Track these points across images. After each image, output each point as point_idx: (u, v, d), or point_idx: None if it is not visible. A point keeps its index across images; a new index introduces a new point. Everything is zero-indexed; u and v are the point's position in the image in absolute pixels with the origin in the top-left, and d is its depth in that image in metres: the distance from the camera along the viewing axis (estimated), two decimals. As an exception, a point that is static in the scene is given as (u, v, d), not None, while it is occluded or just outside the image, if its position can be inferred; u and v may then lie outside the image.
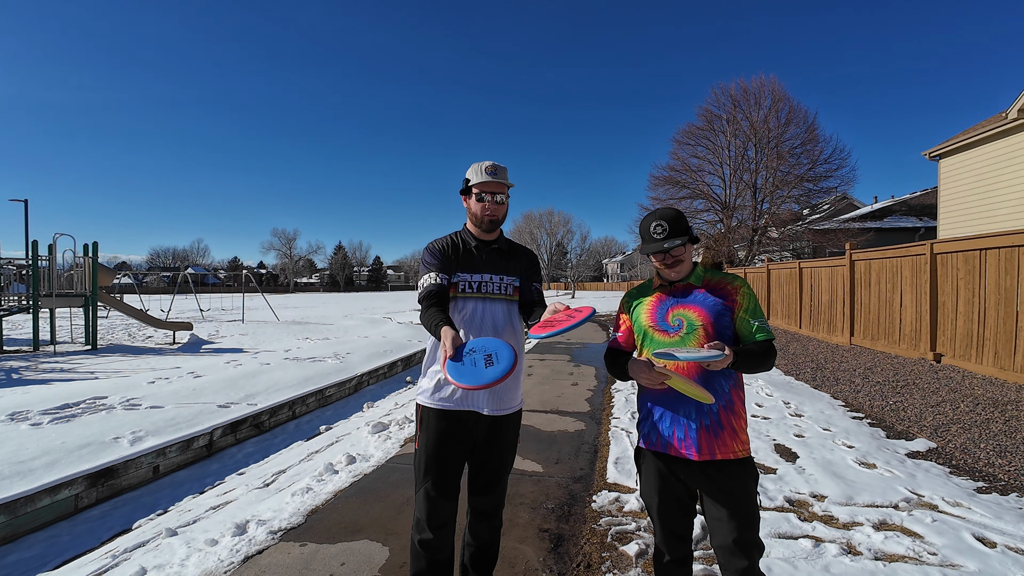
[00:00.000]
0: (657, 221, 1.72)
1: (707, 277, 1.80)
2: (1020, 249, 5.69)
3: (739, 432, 1.69)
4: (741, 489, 1.65)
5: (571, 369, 8.48)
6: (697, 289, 1.77)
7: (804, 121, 22.19)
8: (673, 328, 1.73)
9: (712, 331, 1.69)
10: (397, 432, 4.99)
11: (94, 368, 10.06)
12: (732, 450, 1.66)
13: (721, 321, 1.71)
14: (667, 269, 1.76)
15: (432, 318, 1.81)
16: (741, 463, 1.68)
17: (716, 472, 1.66)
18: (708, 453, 1.65)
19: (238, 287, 62.63)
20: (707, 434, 1.66)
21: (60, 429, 5.17)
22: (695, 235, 1.77)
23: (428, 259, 1.99)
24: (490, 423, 1.95)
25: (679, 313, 1.74)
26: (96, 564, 2.96)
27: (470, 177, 1.99)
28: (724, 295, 1.74)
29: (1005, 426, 4.50)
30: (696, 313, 1.72)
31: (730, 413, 1.69)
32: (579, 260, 60.36)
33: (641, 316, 1.82)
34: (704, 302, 1.73)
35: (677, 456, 1.70)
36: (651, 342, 1.77)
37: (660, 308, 1.79)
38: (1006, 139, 11.38)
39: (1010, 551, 2.61)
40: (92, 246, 13.97)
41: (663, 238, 1.71)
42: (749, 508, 1.65)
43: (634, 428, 4.90)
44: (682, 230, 1.72)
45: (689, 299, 1.75)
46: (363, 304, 36.92)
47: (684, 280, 1.78)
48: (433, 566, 1.94)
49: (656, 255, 1.75)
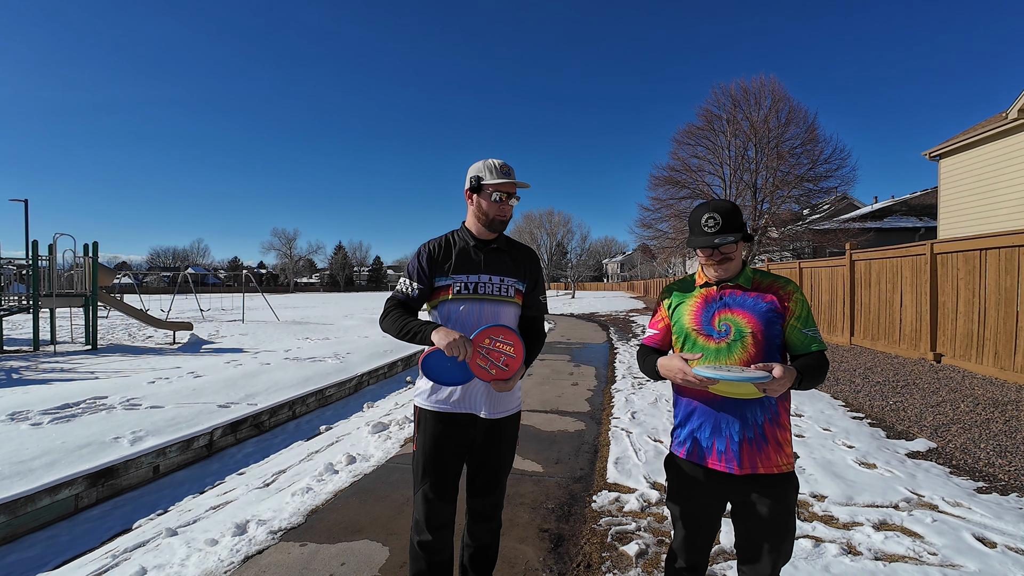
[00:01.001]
0: (710, 213, 1.57)
1: (757, 279, 1.65)
2: (1020, 249, 5.68)
3: (784, 445, 1.58)
4: (781, 504, 1.55)
5: (571, 369, 8.48)
6: (747, 291, 1.62)
7: (804, 121, 22.16)
8: (719, 333, 1.59)
9: (762, 339, 1.56)
10: (397, 432, 4.98)
11: (94, 368, 10.06)
12: (776, 464, 1.55)
13: (771, 329, 1.57)
14: (715, 267, 1.62)
15: (407, 324, 1.83)
16: (784, 477, 1.57)
17: (756, 486, 1.55)
18: (750, 467, 1.54)
19: (238, 287, 62.61)
20: (750, 447, 1.54)
21: (60, 429, 5.17)
22: (749, 233, 1.63)
23: (412, 268, 1.97)
24: (488, 425, 1.93)
25: (727, 317, 1.59)
26: (96, 564, 2.96)
27: (481, 175, 1.92)
28: (775, 300, 1.59)
29: (1005, 426, 4.49)
30: (745, 319, 1.58)
31: (776, 426, 1.57)
32: (579, 260, 60.30)
33: (684, 317, 1.67)
34: (755, 307, 1.58)
35: (715, 469, 1.59)
36: (694, 347, 1.63)
37: (706, 310, 1.63)
38: (1006, 139, 11.37)
39: (1010, 551, 2.60)
40: (92, 246, 13.97)
41: (714, 232, 1.56)
42: (787, 523, 1.56)
43: (634, 428, 4.90)
44: (737, 226, 1.57)
45: (738, 302, 1.60)
46: (363, 304, 36.93)
47: (733, 280, 1.63)
48: (433, 567, 1.93)
49: (704, 250, 1.60)
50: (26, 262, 13.62)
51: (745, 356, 1.56)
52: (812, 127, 22.11)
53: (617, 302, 33.73)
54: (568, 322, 18.76)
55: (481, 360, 1.73)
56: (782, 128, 22.21)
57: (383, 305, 1.98)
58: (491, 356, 1.75)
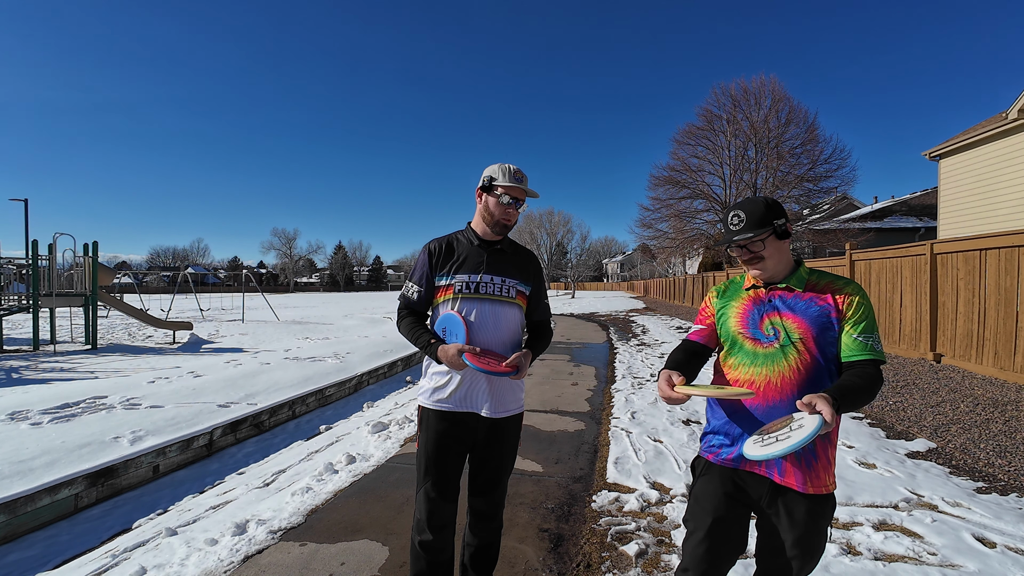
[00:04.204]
0: (735, 211, 1.50)
1: (812, 280, 1.52)
2: (1020, 249, 5.68)
3: (832, 463, 1.46)
4: (818, 524, 1.43)
5: (571, 369, 8.48)
6: (800, 293, 1.49)
7: (804, 121, 22.18)
8: (768, 338, 1.48)
9: (814, 346, 1.43)
10: (397, 432, 4.99)
11: (94, 368, 10.06)
12: (824, 483, 1.43)
13: (825, 336, 1.44)
14: (748, 267, 1.53)
15: (419, 337, 1.94)
16: (827, 498, 1.45)
17: (799, 501, 1.43)
18: (795, 480, 1.42)
19: (238, 287, 62.60)
20: (796, 462, 1.41)
21: (60, 428, 5.17)
22: (784, 229, 1.49)
23: (415, 268, 2.04)
24: (490, 425, 1.94)
25: (776, 321, 1.48)
26: (96, 564, 2.96)
27: (495, 176, 1.94)
28: (830, 303, 1.46)
29: (1005, 426, 4.50)
30: (796, 323, 1.45)
31: (826, 441, 1.43)
32: (579, 260, 60.32)
33: (730, 319, 1.56)
34: (807, 311, 1.46)
35: (753, 473, 1.46)
36: (740, 351, 1.52)
37: (754, 312, 1.52)
38: (1006, 139, 11.38)
39: (1010, 551, 2.60)
40: (92, 246, 13.96)
41: (738, 229, 1.48)
42: (821, 541, 1.45)
43: (634, 428, 4.90)
44: (761, 221, 1.47)
45: (788, 305, 1.49)
46: (363, 304, 36.89)
47: (784, 282, 1.52)
48: (433, 567, 1.93)
49: (734, 250, 1.53)
50: (26, 262, 13.62)
51: (796, 364, 1.44)
52: (812, 127, 22.13)
53: (617, 302, 33.74)
54: (568, 322, 18.75)
55: (483, 365, 1.78)
56: (782, 128, 22.22)
57: (394, 305, 2.03)
58: (488, 358, 1.83)
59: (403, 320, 2.02)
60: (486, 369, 1.75)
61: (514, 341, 1.98)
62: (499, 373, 1.77)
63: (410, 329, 1.98)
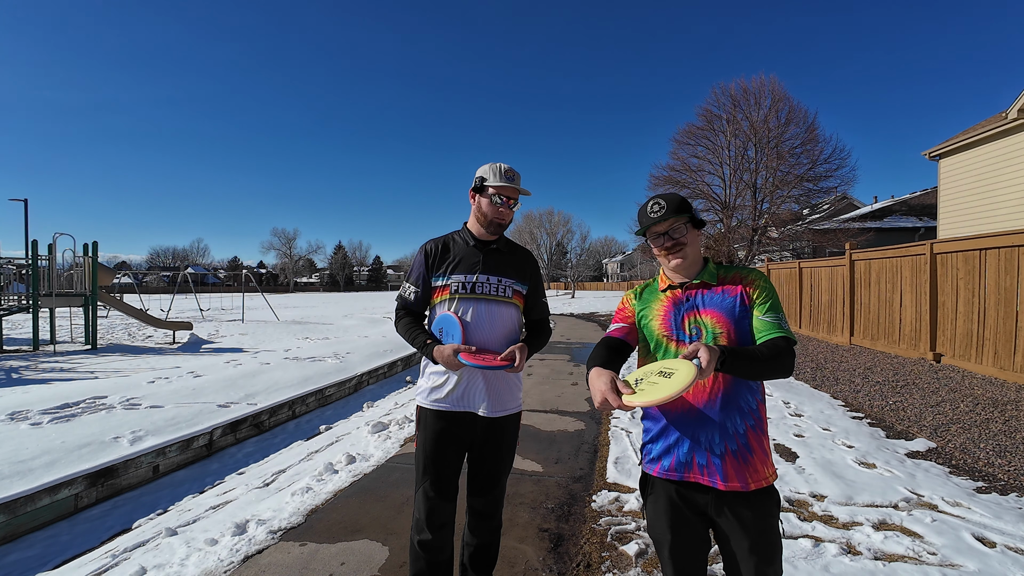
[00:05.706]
0: (655, 200, 1.52)
1: (722, 274, 1.55)
2: (1020, 249, 5.69)
3: (769, 454, 1.46)
4: (767, 522, 1.43)
5: (571, 369, 8.48)
6: (713, 288, 1.52)
7: (804, 121, 22.16)
8: (692, 338, 1.48)
9: (735, 338, 1.45)
10: (397, 432, 4.98)
11: (94, 368, 10.06)
12: (764, 476, 1.43)
13: (742, 326, 1.46)
14: (670, 257, 1.52)
15: (415, 337, 1.95)
16: (768, 491, 1.45)
17: (743, 503, 1.42)
18: (738, 482, 1.41)
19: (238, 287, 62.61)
20: (735, 460, 1.41)
21: (60, 429, 5.17)
22: (700, 219, 1.55)
23: (412, 269, 2.06)
24: (487, 424, 1.94)
25: (695, 319, 1.49)
26: (96, 564, 2.96)
27: (486, 176, 1.94)
28: (741, 292, 1.49)
29: (1005, 426, 4.50)
30: (714, 318, 1.47)
31: (760, 432, 1.45)
32: (579, 260, 60.31)
33: (653, 324, 1.55)
34: (722, 303, 1.48)
35: (697, 483, 1.45)
36: (666, 353, 1.50)
37: (674, 314, 1.52)
38: (1006, 139, 11.37)
39: (1010, 551, 2.61)
40: (92, 246, 13.96)
41: (659, 216, 1.49)
42: (775, 540, 1.44)
43: (634, 428, 4.89)
44: (680, 208, 1.49)
45: (706, 301, 1.50)
46: (363, 304, 36.89)
47: (697, 279, 1.54)
48: (433, 566, 1.93)
49: (655, 241, 1.53)
50: (26, 262, 13.62)
51: None
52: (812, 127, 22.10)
53: (617, 302, 33.72)
54: (568, 322, 18.77)
55: (478, 360, 1.79)
56: (782, 128, 22.21)
57: (392, 305, 2.04)
58: (483, 357, 1.84)
59: (400, 321, 2.03)
60: (482, 364, 1.75)
61: (511, 340, 1.98)
62: (495, 367, 1.78)
63: (407, 330, 1.99)
